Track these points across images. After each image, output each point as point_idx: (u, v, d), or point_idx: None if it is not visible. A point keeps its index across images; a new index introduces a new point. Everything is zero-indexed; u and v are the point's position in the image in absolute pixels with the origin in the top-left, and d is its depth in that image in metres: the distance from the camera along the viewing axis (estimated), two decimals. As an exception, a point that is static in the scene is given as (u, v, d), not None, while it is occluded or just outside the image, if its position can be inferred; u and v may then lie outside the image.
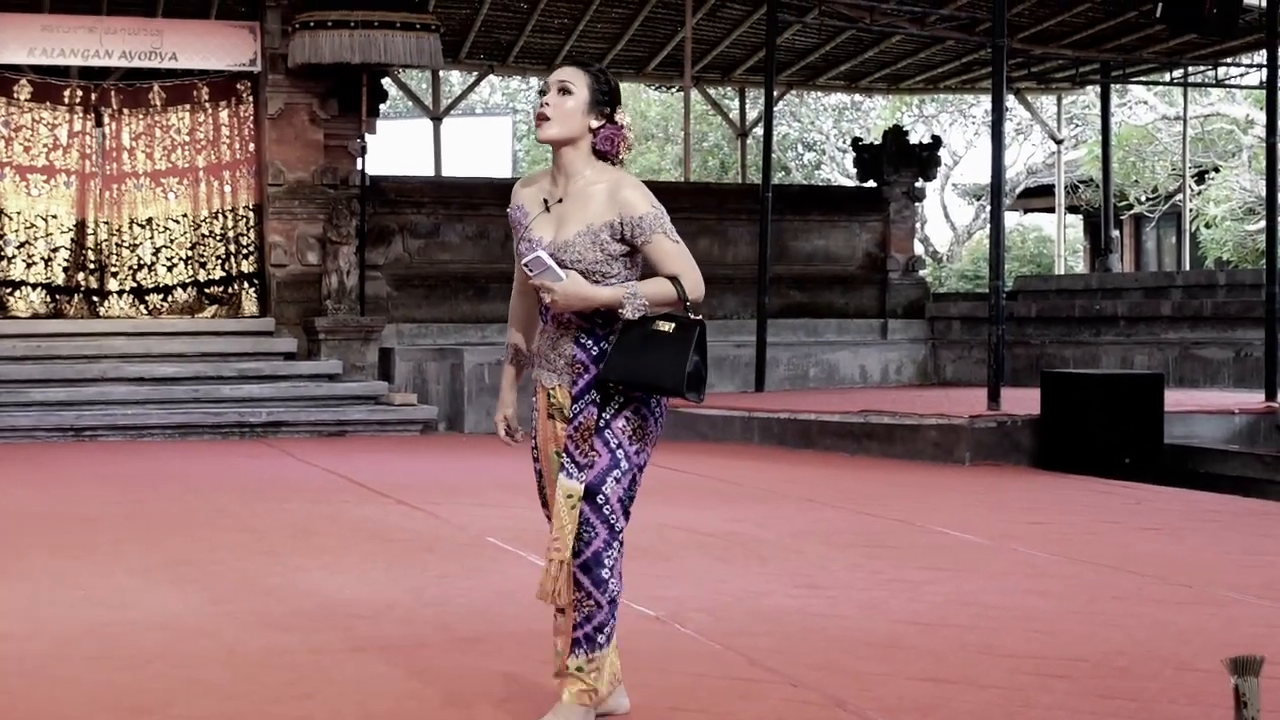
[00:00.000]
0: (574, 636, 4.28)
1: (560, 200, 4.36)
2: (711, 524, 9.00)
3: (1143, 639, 5.74)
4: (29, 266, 17.69)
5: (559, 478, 4.31)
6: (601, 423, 4.29)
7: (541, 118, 4.35)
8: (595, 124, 4.35)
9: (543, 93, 4.41)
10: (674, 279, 4.26)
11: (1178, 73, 24.26)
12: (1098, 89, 25.27)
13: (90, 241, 18.02)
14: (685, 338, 4.22)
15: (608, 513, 4.24)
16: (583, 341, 4.34)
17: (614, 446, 4.29)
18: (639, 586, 6.67)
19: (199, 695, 4.92)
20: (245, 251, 18.23)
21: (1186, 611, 6.31)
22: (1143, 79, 26.41)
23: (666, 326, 4.23)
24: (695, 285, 4.28)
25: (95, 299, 18.00)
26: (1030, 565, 7.54)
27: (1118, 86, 27.58)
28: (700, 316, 4.28)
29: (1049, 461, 12.41)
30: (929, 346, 21.28)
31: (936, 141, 22.50)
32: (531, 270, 4.21)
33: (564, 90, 4.33)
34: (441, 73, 23.24)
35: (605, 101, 4.36)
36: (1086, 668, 5.25)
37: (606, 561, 4.24)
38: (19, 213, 17.66)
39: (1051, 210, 28.91)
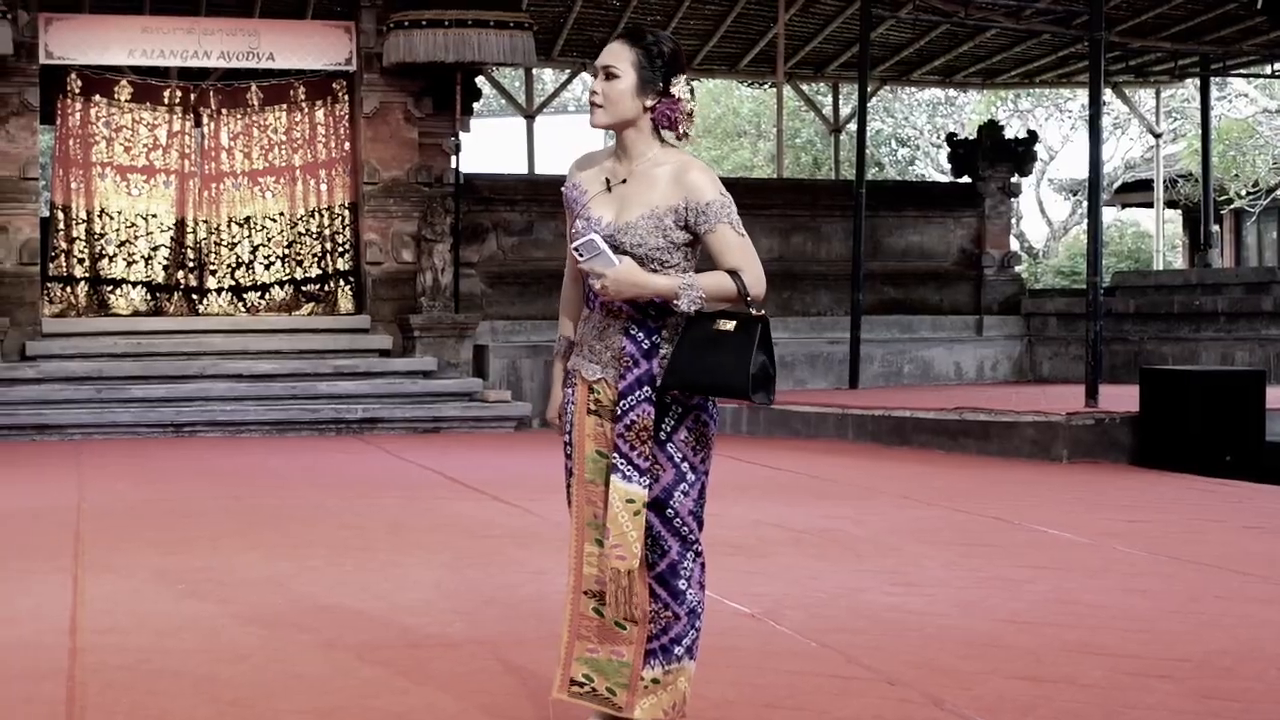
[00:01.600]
0: (649, 648, 4.06)
1: (624, 180, 4.08)
2: (807, 521, 8.97)
3: (1246, 639, 5.64)
4: (129, 265, 17.94)
5: (613, 480, 4.02)
6: (662, 435, 4.04)
7: (593, 105, 4.08)
8: (649, 103, 4.05)
9: (596, 74, 4.10)
10: (734, 273, 3.97)
11: (1279, 65, 23.89)
12: (1197, 82, 24.93)
13: (189, 240, 18.25)
14: (748, 336, 3.92)
15: (678, 525, 4.05)
16: (633, 333, 4.03)
17: (679, 460, 4.06)
18: (735, 583, 6.66)
19: (298, 689, 4.97)
20: (341, 249, 18.37)
21: (1291, 612, 6.21)
22: (1243, 72, 26.04)
23: (728, 325, 3.94)
24: (757, 280, 3.98)
25: (194, 297, 18.22)
26: (1130, 564, 7.45)
27: (1217, 79, 27.20)
28: (763, 312, 3.99)
29: (1148, 459, 12.24)
30: (1025, 343, 21.07)
31: (1032, 136, 22.29)
32: (582, 254, 3.93)
33: (609, 75, 4.03)
34: (534, 70, 23.30)
35: (657, 77, 4.04)
36: (1189, 667, 5.17)
37: (682, 573, 4.06)
38: (119, 212, 17.92)
39: (1150, 205, 28.55)
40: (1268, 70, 24.70)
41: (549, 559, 7.56)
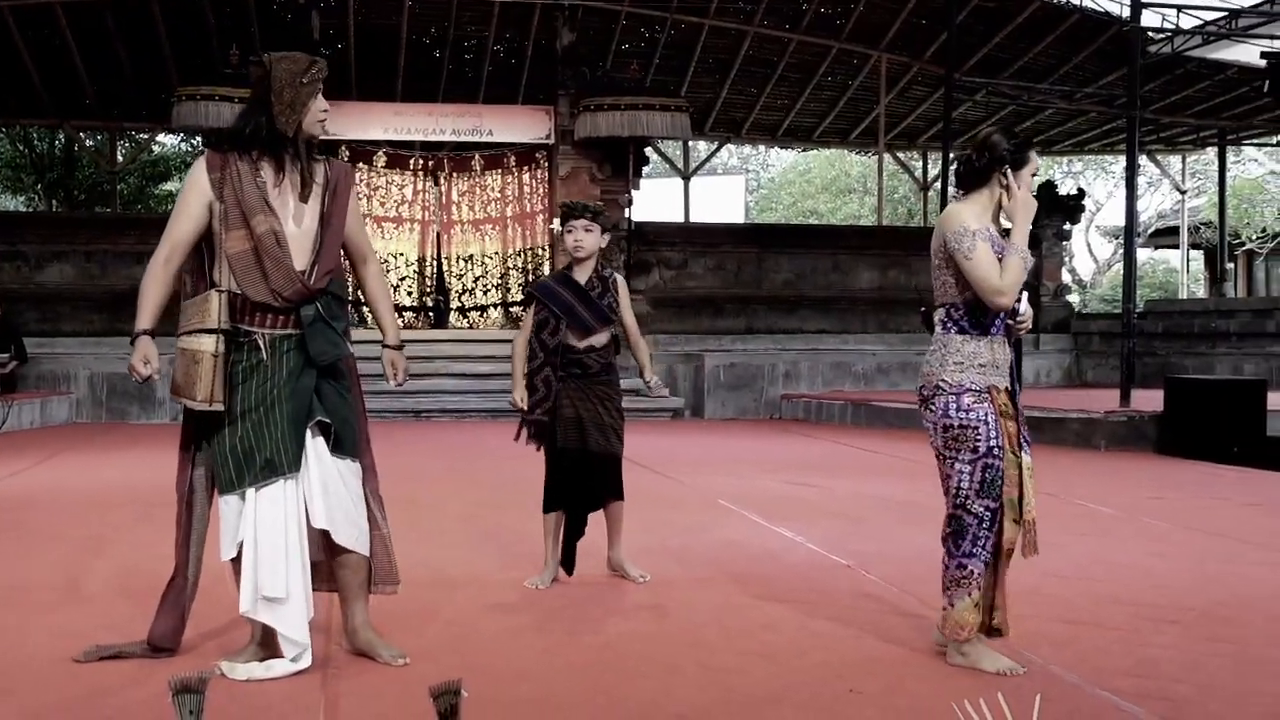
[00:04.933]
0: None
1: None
2: (898, 494, 8.88)
3: (1243, 594, 5.49)
4: (383, 291, 18.26)
5: (1023, 456, 4.14)
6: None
7: None
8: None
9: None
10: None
11: (1283, 135, 23.08)
12: (1216, 149, 24.19)
13: (428, 273, 18.60)
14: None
15: None
16: (1011, 347, 4.27)
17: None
18: (838, 542, 6.64)
19: (500, 614, 5.04)
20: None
21: (1281, 573, 6.01)
22: (1253, 141, 25.26)
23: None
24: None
25: (431, 315, 18.55)
26: (1152, 532, 7.27)
27: (1232, 147, 26.32)
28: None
29: (1170, 449, 11.94)
30: (1073, 356, 20.62)
31: (1081, 193, 21.83)
32: (1021, 314, 4.17)
33: None
34: (690, 142, 23.33)
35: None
36: (1194, 615, 5.04)
37: None
38: (375, 252, 18.26)
39: (1177, 247, 27.79)
40: (1273, 140, 23.89)
41: (692, 518, 7.60)
